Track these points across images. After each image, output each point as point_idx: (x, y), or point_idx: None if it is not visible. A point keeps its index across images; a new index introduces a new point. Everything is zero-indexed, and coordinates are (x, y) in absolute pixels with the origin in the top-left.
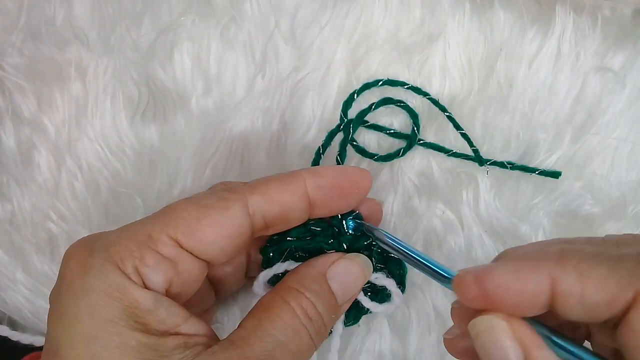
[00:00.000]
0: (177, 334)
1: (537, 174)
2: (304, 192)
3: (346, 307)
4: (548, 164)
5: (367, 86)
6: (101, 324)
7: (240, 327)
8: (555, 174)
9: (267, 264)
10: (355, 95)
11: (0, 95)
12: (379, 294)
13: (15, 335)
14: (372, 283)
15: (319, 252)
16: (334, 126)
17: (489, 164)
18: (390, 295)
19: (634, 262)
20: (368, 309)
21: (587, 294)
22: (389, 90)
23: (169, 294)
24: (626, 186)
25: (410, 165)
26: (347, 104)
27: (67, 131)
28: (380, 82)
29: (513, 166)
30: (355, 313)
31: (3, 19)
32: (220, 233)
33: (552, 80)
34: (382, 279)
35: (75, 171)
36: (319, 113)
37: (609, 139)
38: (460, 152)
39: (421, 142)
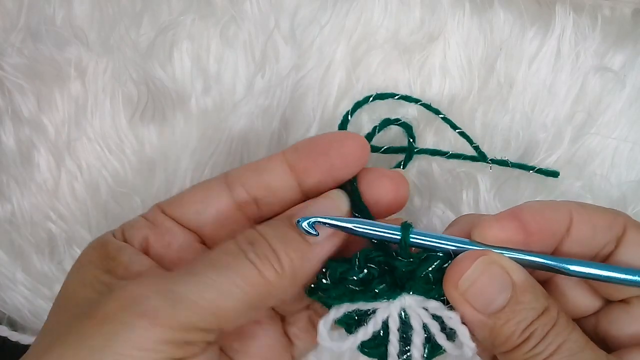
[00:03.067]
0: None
1: (535, 171)
2: (281, 158)
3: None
4: (548, 164)
5: (358, 104)
6: (78, 267)
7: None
8: (554, 174)
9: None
10: (349, 115)
11: (0, 95)
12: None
13: (14, 336)
14: (442, 320)
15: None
16: (334, 125)
17: (488, 161)
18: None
19: (607, 208)
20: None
21: (594, 220)
22: (380, 102)
23: (153, 255)
24: (626, 186)
25: (411, 165)
26: (343, 125)
27: (66, 131)
28: (371, 98)
29: (513, 164)
30: (433, 347)
31: (3, 19)
32: (195, 195)
33: (552, 80)
34: (456, 322)
35: (75, 171)
36: (319, 112)
37: (609, 139)
38: (460, 152)
39: (417, 149)
